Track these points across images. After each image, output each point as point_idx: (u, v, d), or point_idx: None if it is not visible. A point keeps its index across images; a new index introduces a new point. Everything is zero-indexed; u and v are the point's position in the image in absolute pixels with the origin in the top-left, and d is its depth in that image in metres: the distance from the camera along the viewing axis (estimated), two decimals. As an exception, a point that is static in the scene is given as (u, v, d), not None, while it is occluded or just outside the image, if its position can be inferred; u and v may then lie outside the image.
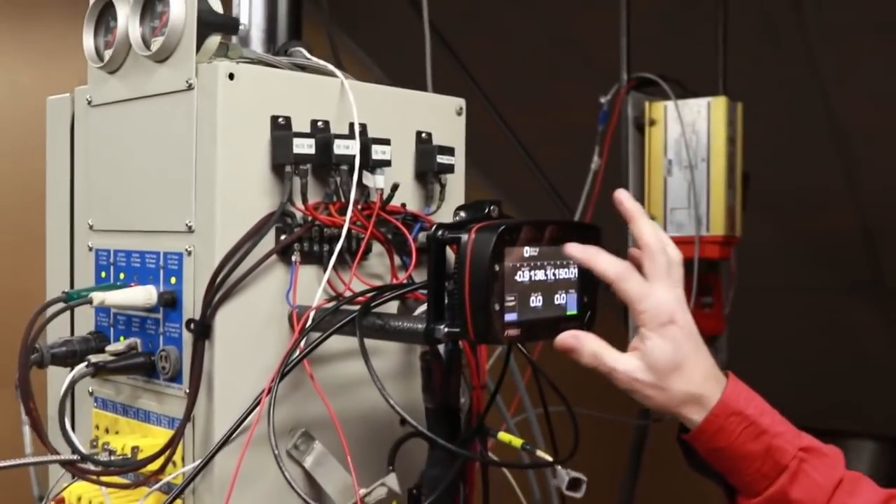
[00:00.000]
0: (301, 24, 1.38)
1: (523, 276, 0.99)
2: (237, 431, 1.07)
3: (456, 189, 1.32)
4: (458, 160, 1.32)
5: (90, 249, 1.25)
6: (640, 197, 2.20)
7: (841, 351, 3.81)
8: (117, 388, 1.21)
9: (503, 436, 1.10)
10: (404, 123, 1.27)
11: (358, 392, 1.20)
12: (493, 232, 0.95)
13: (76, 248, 1.28)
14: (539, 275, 1.01)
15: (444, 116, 1.33)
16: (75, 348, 1.16)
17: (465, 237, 0.96)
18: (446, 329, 0.99)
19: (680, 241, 2.14)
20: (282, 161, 1.11)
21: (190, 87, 1.09)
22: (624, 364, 0.99)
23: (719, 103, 2.12)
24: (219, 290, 1.07)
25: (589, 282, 1.07)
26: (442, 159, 1.27)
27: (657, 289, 0.99)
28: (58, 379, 1.30)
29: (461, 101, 1.35)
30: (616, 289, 0.99)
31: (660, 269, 1.00)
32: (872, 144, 3.14)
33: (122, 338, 1.18)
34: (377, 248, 1.23)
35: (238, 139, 1.09)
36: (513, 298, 0.98)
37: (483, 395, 1.34)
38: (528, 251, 0.99)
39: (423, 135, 1.29)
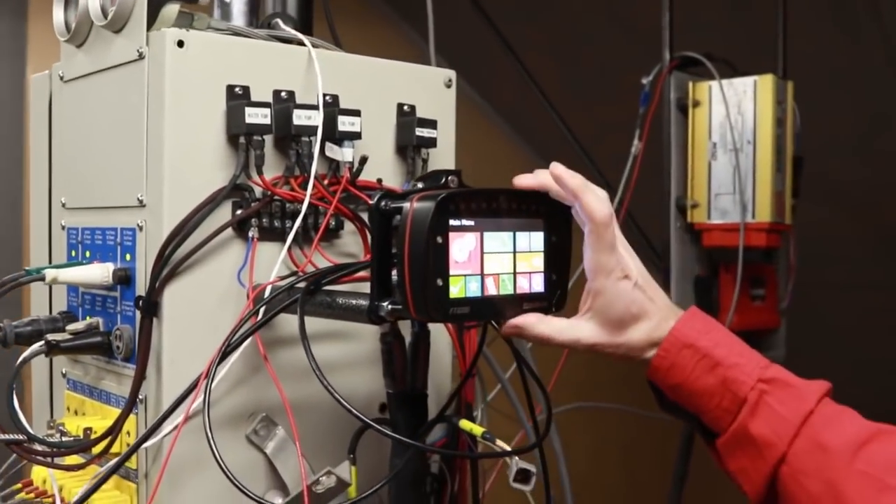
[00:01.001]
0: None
1: (473, 249, 0.91)
2: (192, 416, 1.03)
3: (442, 165, 1.25)
4: (445, 134, 1.25)
5: (63, 228, 1.22)
6: (682, 182, 2.09)
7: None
8: (85, 369, 1.18)
9: (464, 423, 1.03)
10: (385, 95, 1.21)
11: (330, 377, 1.14)
12: (433, 200, 0.88)
13: (53, 227, 1.26)
14: (494, 247, 0.93)
15: (430, 89, 1.26)
16: (41, 328, 1.13)
17: (405, 206, 0.89)
18: (390, 306, 0.92)
19: (725, 229, 2.04)
20: (235, 132, 1.05)
21: (141, 57, 1.05)
22: (577, 335, 0.95)
23: (766, 81, 1.99)
24: (166, 266, 1.02)
25: (559, 258, 0.99)
26: (422, 132, 1.20)
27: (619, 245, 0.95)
28: (41, 365, 1.29)
29: (450, 73, 1.28)
30: (593, 236, 0.93)
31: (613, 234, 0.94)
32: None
33: (88, 317, 1.15)
34: (352, 226, 1.17)
35: (189, 109, 1.05)
36: (461, 273, 0.90)
37: (473, 383, 1.28)
38: (480, 222, 0.92)
39: (406, 107, 1.22)
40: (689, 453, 2.64)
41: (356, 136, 1.12)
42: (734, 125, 2.00)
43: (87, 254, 1.16)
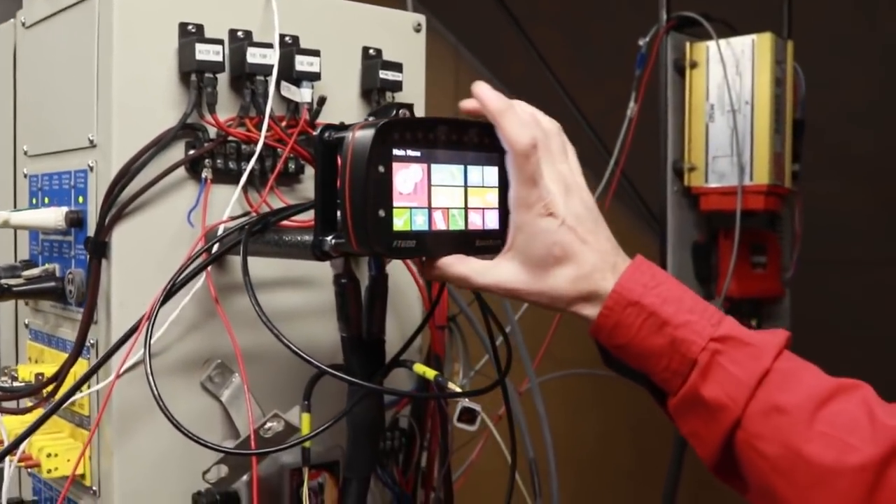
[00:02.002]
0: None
1: (420, 181, 0.88)
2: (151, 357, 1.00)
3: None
4: (414, 79, 1.22)
5: (25, 176, 1.20)
6: (679, 145, 2.04)
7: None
8: (45, 317, 1.16)
9: (418, 367, 1.00)
10: (349, 38, 1.18)
11: (291, 324, 1.12)
12: (373, 128, 0.85)
13: (17, 177, 1.24)
14: (443, 180, 0.90)
15: (398, 33, 1.23)
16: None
17: (347, 136, 0.86)
18: (333, 241, 0.89)
19: (722, 192, 1.99)
20: (186, 69, 1.03)
21: (93, -6, 1.03)
22: (496, 277, 0.88)
23: (764, 40, 1.94)
24: (114, 206, 1.00)
25: None
26: (386, 75, 1.17)
27: (545, 177, 0.87)
28: (5, 313, 1.28)
29: (419, 17, 1.25)
30: (513, 165, 0.87)
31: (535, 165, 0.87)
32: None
33: (46, 264, 1.13)
34: (312, 171, 1.14)
35: (138, 47, 1.02)
36: (406, 205, 0.87)
37: (442, 336, 1.25)
38: (427, 154, 0.88)
39: (371, 51, 1.19)
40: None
41: (315, 76, 1.10)
42: (732, 86, 1.96)
43: (46, 200, 1.14)
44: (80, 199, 1.06)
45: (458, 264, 0.89)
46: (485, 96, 0.88)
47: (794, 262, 2.26)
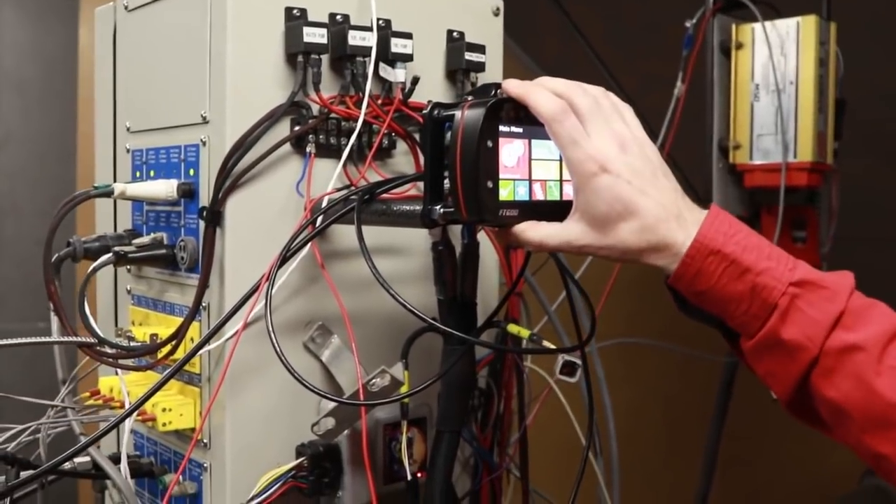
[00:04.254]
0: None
1: (522, 155, 0.95)
2: (252, 321, 1.08)
3: (491, 90, 1.29)
4: (494, 60, 1.29)
5: (127, 151, 1.28)
6: (725, 124, 2.11)
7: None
8: (149, 283, 1.24)
9: (512, 327, 1.08)
10: (434, 21, 1.25)
11: (380, 290, 1.19)
12: (484, 106, 0.92)
13: (118, 152, 1.31)
14: (542, 154, 0.97)
15: (479, 16, 1.30)
16: (108, 243, 1.19)
17: (457, 114, 0.93)
18: (442, 210, 0.97)
19: (766, 169, 2.06)
20: (293, 50, 1.10)
21: (203, -19, 1.10)
22: (567, 237, 0.93)
23: (809, 22, 2.00)
24: (228, 178, 1.08)
25: None
26: (471, 56, 1.24)
27: (592, 136, 0.92)
28: (104, 282, 1.35)
29: (498, 2, 1.32)
30: (550, 132, 0.93)
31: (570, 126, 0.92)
32: None
33: (152, 234, 1.21)
34: (403, 146, 1.21)
35: (249, 30, 1.10)
36: (510, 177, 0.95)
37: (518, 301, 1.32)
38: (528, 130, 0.96)
39: (455, 34, 1.26)
40: (727, 402, 2.68)
41: (408, 57, 1.17)
42: (777, 66, 2.02)
43: (152, 173, 1.22)
44: (191, 172, 1.14)
45: (531, 230, 0.95)
46: (506, 86, 0.95)
47: (831, 237, 2.32)
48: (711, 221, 0.90)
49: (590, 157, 0.90)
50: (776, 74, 2.02)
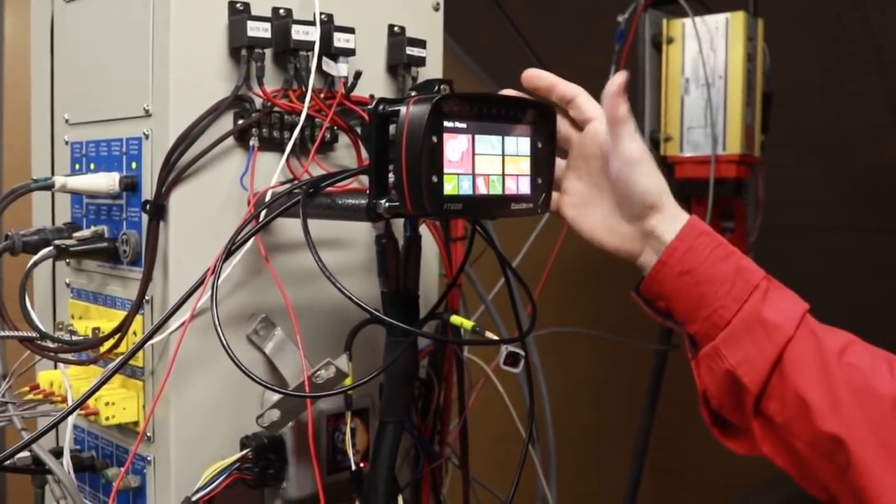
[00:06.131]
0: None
1: (465, 150, 0.97)
2: (197, 314, 1.09)
3: (431, 85, 1.30)
4: (433, 55, 1.31)
5: (66, 143, 1.27)
6: (656, 117, 2.16)
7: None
8: (89, 277, 1.23)
9: (455, 319, 1.09)
10: (376, 16, 1.26)
11: (324, 282, 1.20)
12: (429, 102, 0.94)
13: (56, 144, 1.30)
14: (485, 150, 0.99)
15: (419, 11, 1.32)
16: (47, 237, 1.17)
17: (403, 109, 0.95)
18: (387, 204, 0.98)
19: (696, 161, 2.11)
20: (237, 44, 1.11)
21: (145, -26, 1.10)
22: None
23: (738, 18, 2.06)
24: (172, 171, 1.08)
25: (544, 163, 1.06)
26: (412, 51, 1.26)
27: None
28: (42, 275, 1.34)
29: (438, -4, 1.34)
30: (615, 131, 1.05)
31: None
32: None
33: (92, 227, 1.20)
34: (345, 139, 1.22)
35: (193, 24, 1.09)
36: (454, 171, 0.96)
37: (458, 293, 1.34)
38: (472, 125, 0.98)
39: (396, 28, 1.28)
40: (658, 389, 2.74)
41: (350, 52, 1.18)
42: (706, 61, 2.07)
43: (92, 166, 1.21)
44: (133, 165, 1.13)
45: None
46: (557, 81, 1.10)
47: (758, 226, 2.39)
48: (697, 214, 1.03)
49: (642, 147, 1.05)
50: (706, 69, 2.07)
